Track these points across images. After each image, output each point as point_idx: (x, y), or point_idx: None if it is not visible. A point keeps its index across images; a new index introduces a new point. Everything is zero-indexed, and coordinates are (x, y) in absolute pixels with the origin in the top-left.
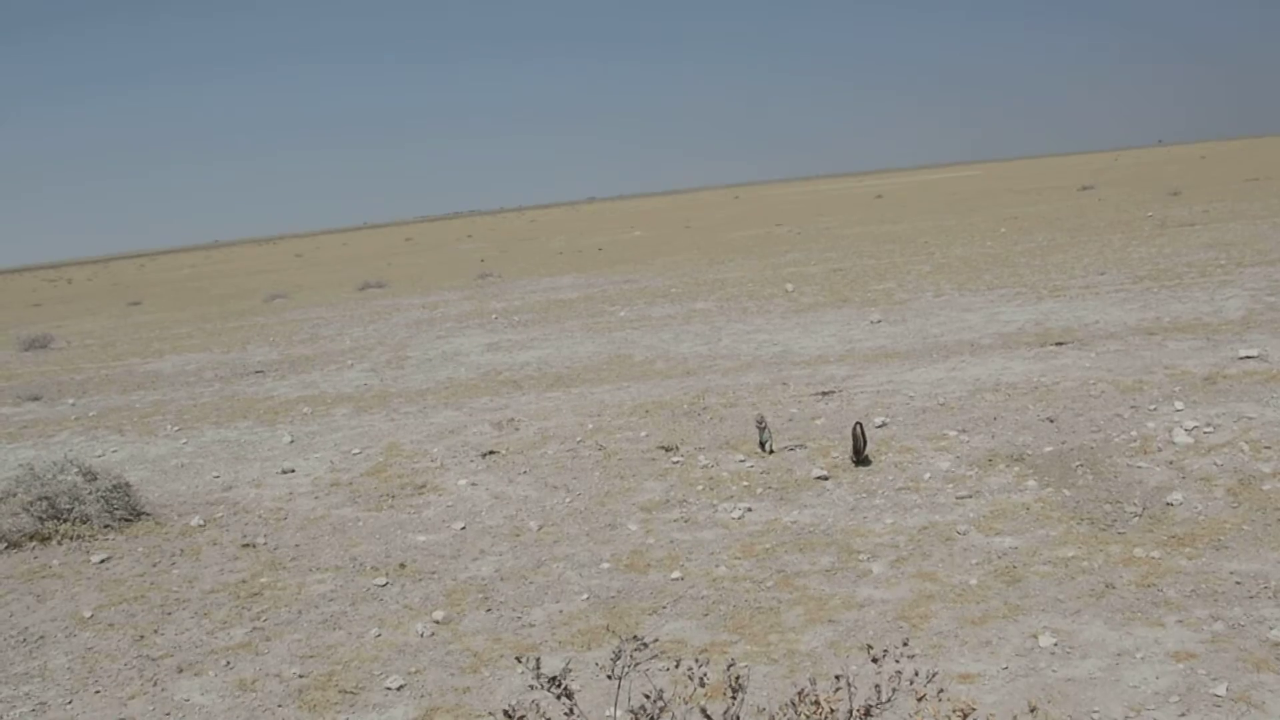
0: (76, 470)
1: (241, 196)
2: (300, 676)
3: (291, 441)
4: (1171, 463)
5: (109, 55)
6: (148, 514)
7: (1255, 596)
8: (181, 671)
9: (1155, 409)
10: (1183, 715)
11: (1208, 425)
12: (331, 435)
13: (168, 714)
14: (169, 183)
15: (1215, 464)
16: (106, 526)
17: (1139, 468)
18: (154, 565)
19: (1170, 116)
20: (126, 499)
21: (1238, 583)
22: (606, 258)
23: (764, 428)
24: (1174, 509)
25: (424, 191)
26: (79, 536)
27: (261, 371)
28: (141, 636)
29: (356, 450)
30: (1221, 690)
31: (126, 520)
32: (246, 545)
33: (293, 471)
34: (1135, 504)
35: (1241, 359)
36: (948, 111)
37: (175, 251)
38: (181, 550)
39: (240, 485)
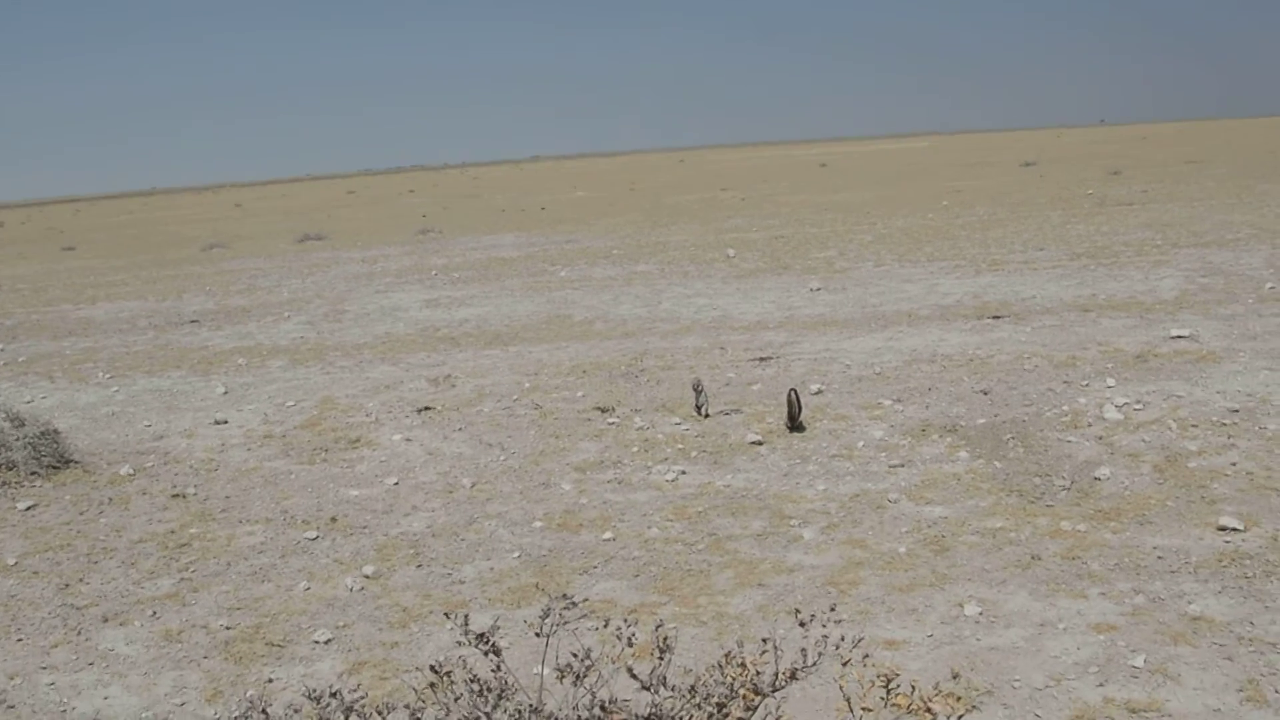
0: (4, 416)
1: (181, 144)
2: (227, 628)
3: (225, 392)
4: (1101, 438)
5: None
6: (76, 462)
7: (1176, 571)
8: (106, 621)
9: (1087, 385)
10: (1101, 685)
11: (1137, 402)
12: (266, 387)
13: (91, 663)
14: (107, 128)
15: (1143, 440)
16: (33, 474)
17: (1069, 442)
18: (81, 514)
19: (1113, 96)
20: (55, 446)
21: (1160, 557)
22: (549, 217)
23: (700, 391)
24: (1101, 483)
25: (367, 145)
26: (4, 483)
27: (197, 321)
28: (66, 585)
29: (291, 403)
30: (1140, 662)
31: (54, 468)
32: (176, 495)
33: (225, 422)
34: (1064, 477)
35: (1173, 338)
36: (894, 83)
37: (112, 197)
38: (110, 499)
39: (172, 435)
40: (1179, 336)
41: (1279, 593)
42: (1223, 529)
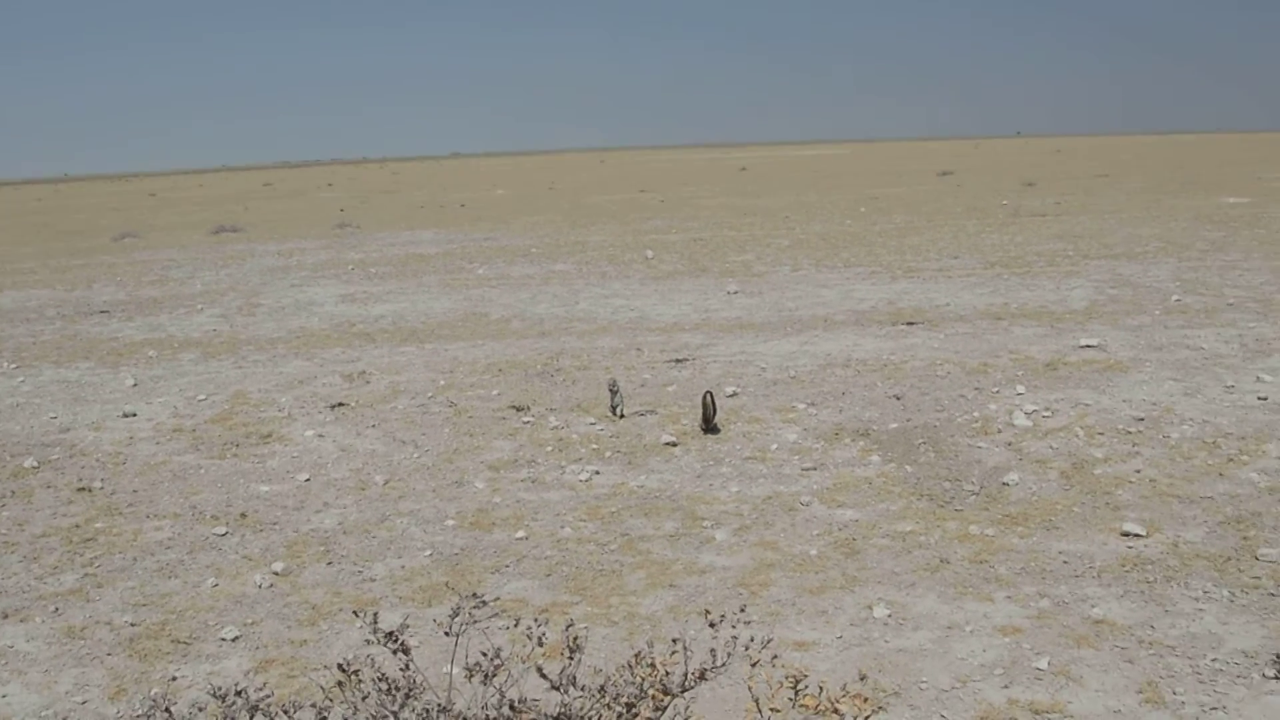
0: None
1: (95, 131)
2: (132, 625)
3: (135, 385)
4: (1010, 444)
5: None
6: None
7: (1081, 576)
8: (6, 617)
9: (998, 391)
10: (1006, 687)
11: (1046, 410)
12: (177, 380)
13: None
14: (15, 113)
15: (1051, 447)
16: None
17: (979, 447)
18: None
19: (1029, 109)
20: None
21: (1065, 562)
22: (468, 214)
23: (616, 392)
24: (1010, 489)
25: (285, 138)
26: None
27: (107, 312)
28: None
29: (202, 396)
30: (1044, 664)
31: None
32: (82, 489)
33: (134, 415)
34: (973, 482)
35: (1082, 347)
36: (815, 89)
37: (21, 184)
38: (13, 492)
39: (78, 427)
40: (1088, 346)
41: (1179, 597)
42: (1126, 534)
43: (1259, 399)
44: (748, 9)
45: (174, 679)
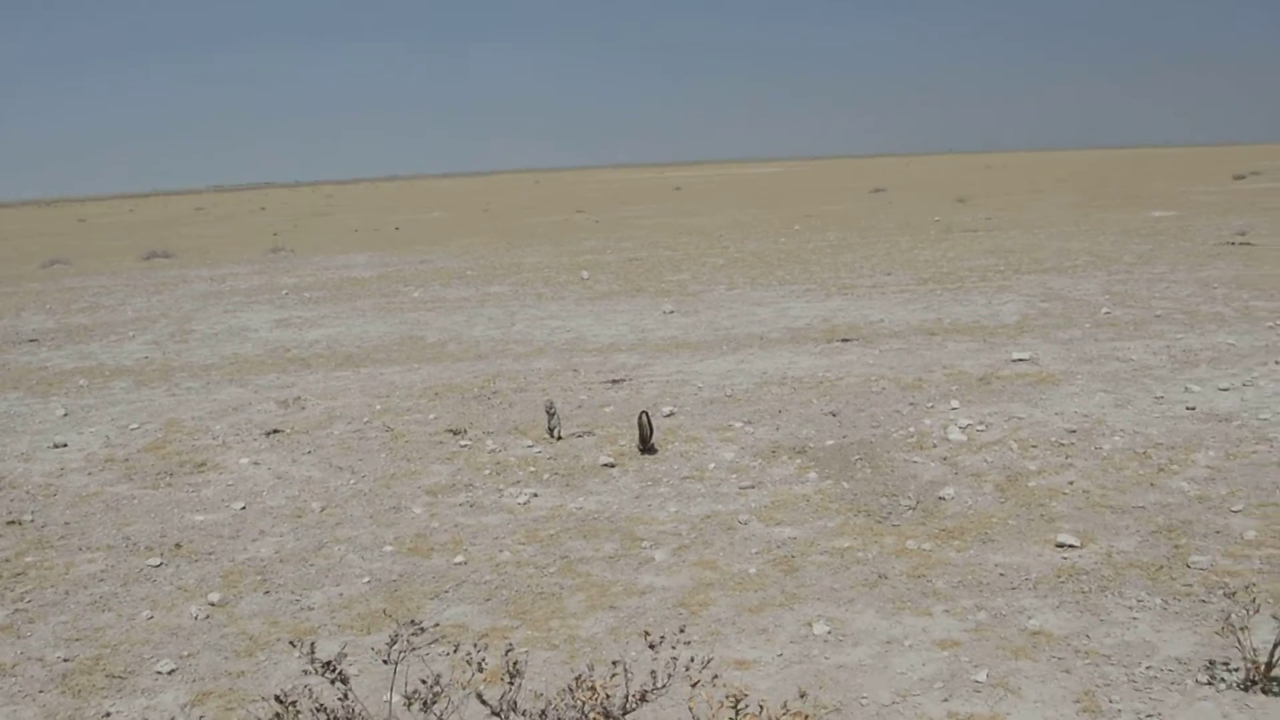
0: None
1: (20, 155)
2: (65, 660)
3: (65, 415)
4: (945, 458)
5: None
6: None
7: (1017, 588)
8: None
9: (933, 406)
10: (945, 700)
11: (980, 424)
12: (109, 409)
13: None
14: None
15: (986, 461)
16: None
17: (915, 462)
18: None
19: (959, 126)
20: None
21: (1001, 574)
22: (403, 237)
23: (553, 414)
24: (946, 503)
25: (217, 161)
26: None
27: (35, 340)
28: None
29: (134, 425)
30: (982, 676)
31: None
32: (11, 522)
33: (65, 446)
34: (910, 497)
35: (1015, 361)
36: (750, 109)
37: None
38: None
39: (7, 459)
40: (1020, 360)
41: (1113, 607)
42: (1061, 545)
43: (1187, 409)
44: (683, 29)
45: (107, 715)
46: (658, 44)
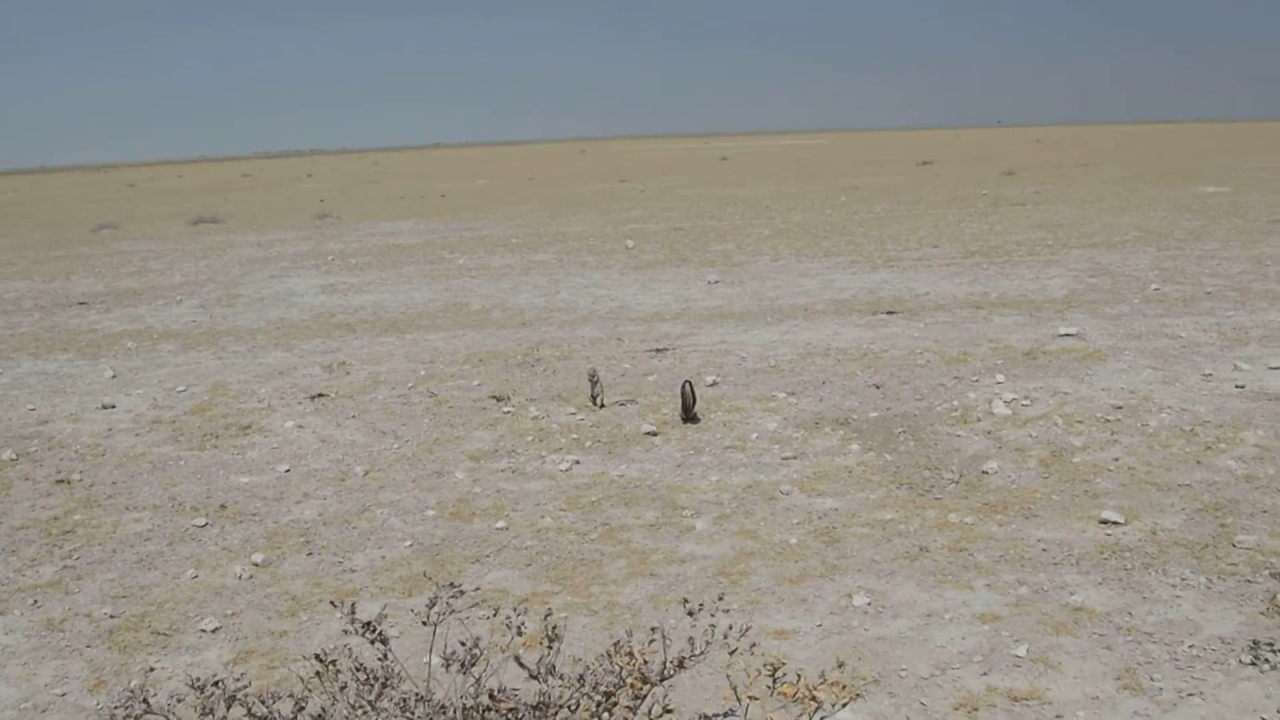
0: None
1: (73, 122)
2: (111, 617)
3: (113, 376)
4: (989, 433)
5: None
6: None
7: (1059, 563)
8: None
9: (977, 380)
10: (985, 674)
11: (1025, 398)
12: (156, 371)
13: None
14: None
15: (1030, 435)
16: None
17: (958, 436)
18: None
19: (1009, 99)
20: None
21: (1044, 550)
22: (449, 205)
23: (596, 382)
24: (989, 477)
25: (264, 128)
26: None
27: (85, 303)
28: None
29: (181, 388)
30: (1022, 651)
31: None
32: (61, 481)
33: (113, 407)
34: (953, 471)
35: (1061, 336)
36: (797, 80)
37: None
38: None
39: (57, 419)
40: (1067, 335)
41: (1156, 584)
42: (1104, 522)
43: (1236, 387)
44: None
45: (153, 670)
46: (707, 13)
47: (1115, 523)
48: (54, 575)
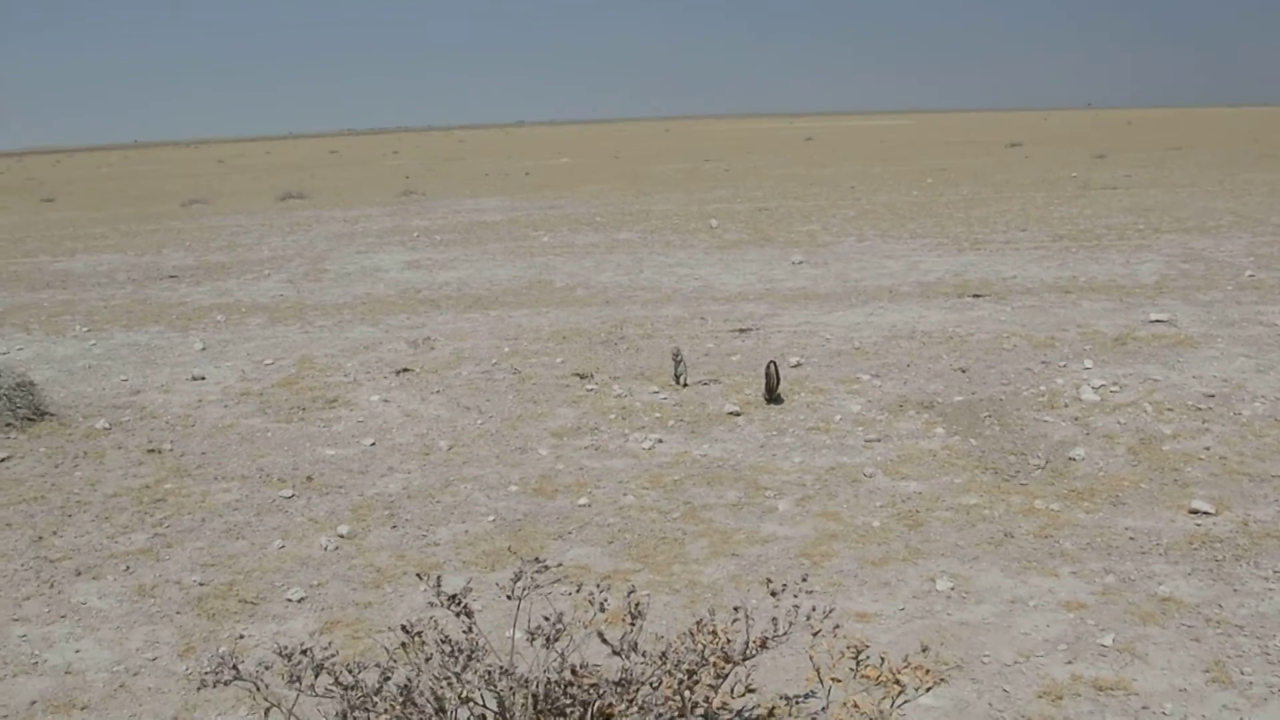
0: None
1: (165, 98)
2: (200, 584)
3: (203, 348)
4: (1077, 419)
5: None
6: (52, 414)
7: (1147, 552)
8: (79, 575)
9: (1065, 365)
10: (1069, 663)
11: (1114, 384)
12: (244, 344)
13: (64, 616)
14: (89, 77)
15: (1119, 422)
16: (8, 425)
17: (1045, 421)
18: (56, 466)
19: (1100, 81)
20: (30, 398)
21: (1131, 538)
22: (533, 182)
23: (680, 360)
24: (1076, 464)
25: (351, 105)
26: None
27: (176, 276)
28: (40, 538)
29: (269, 361)
30: (1108, 640)
31: (30, 420)
32: (152, 450)
33: (203, 379)
34: (1039, 456)
35: (1152, 322)
36: (882, 60)
37: (93, 150)
38: (85, 452)
39: (148, 390)
40: (1158, 321)
41: (1247, 576)
42: (1194, 512)
43: None
44: None
45: (241, 638)
46: None
47: (1206, 513)
48: (145, 542)
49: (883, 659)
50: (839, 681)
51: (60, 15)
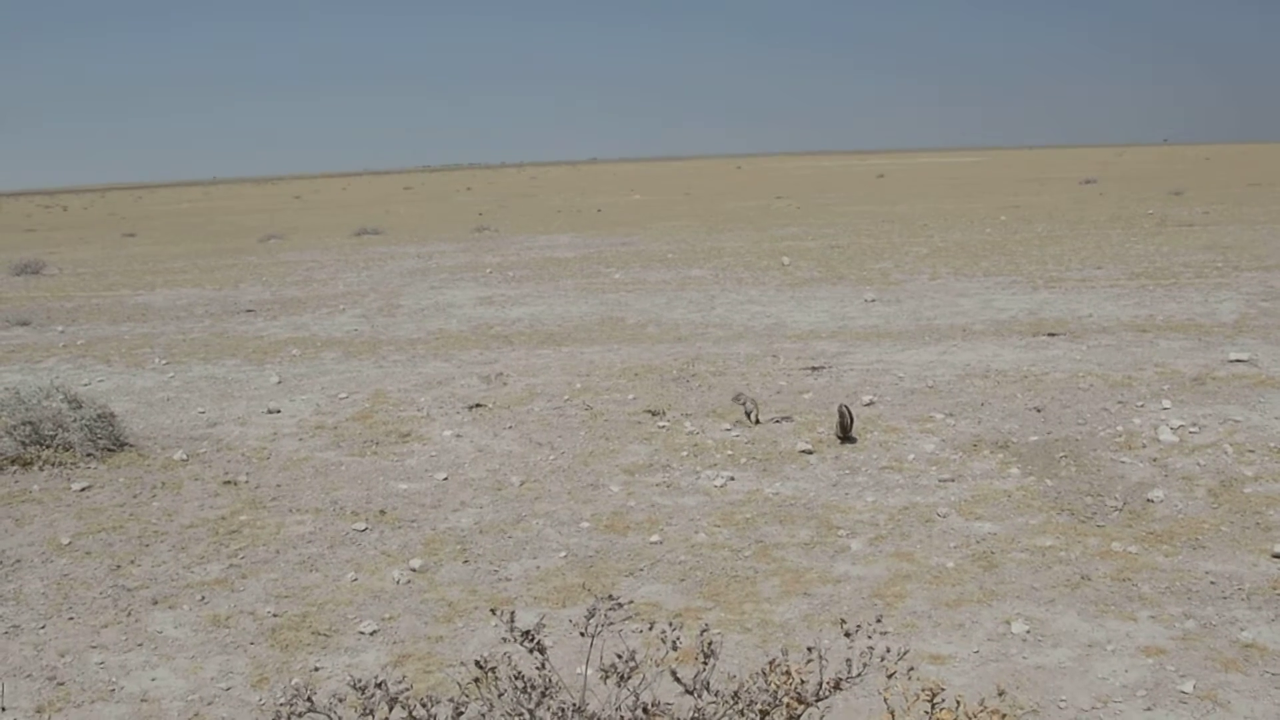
0: (62, 397)
1: (243, 135)
2: (274, 615)
3: (279, 382)
4: (1155, 460)
5: None
6: (131, 445)
7: (1229, 597)
8: (156, 603)
9: (1142, 405)
10: (1149, 710)
11: (1193, 425)
12: (319, 378)
13: (140, 644)
14: (171, 117)
15: (1198, 464)
16: (89, 455)
17: (1122, 462)
18: (134, 496)
19: (1176, 116)
20: (110, 429)
21: (1212, 583)
22: (605, 219)
23: (744, 403)
24: (1154, 506)
25: (425, 141)
26: (61, 464)
27: (253, 310)
28: (118, 566)
29: (343, 395)
30: (1189, 687)
31: (109, 450)
32: (228, 482)
33: (278, 412)
34: (1116, 498)
35: (1232, 362)
36: (954, 97)
37: (174, 186)
38: (162, 483)
39: (225, 422)
40: (1238, 360)
41: None
42: (1278, 556)
43: None
44: (885, 16)
45: (315, 670)
46: (863, 31)
47: None
48: (220, 573)
49: (958, 702)
50: None
51: (145, 61)
